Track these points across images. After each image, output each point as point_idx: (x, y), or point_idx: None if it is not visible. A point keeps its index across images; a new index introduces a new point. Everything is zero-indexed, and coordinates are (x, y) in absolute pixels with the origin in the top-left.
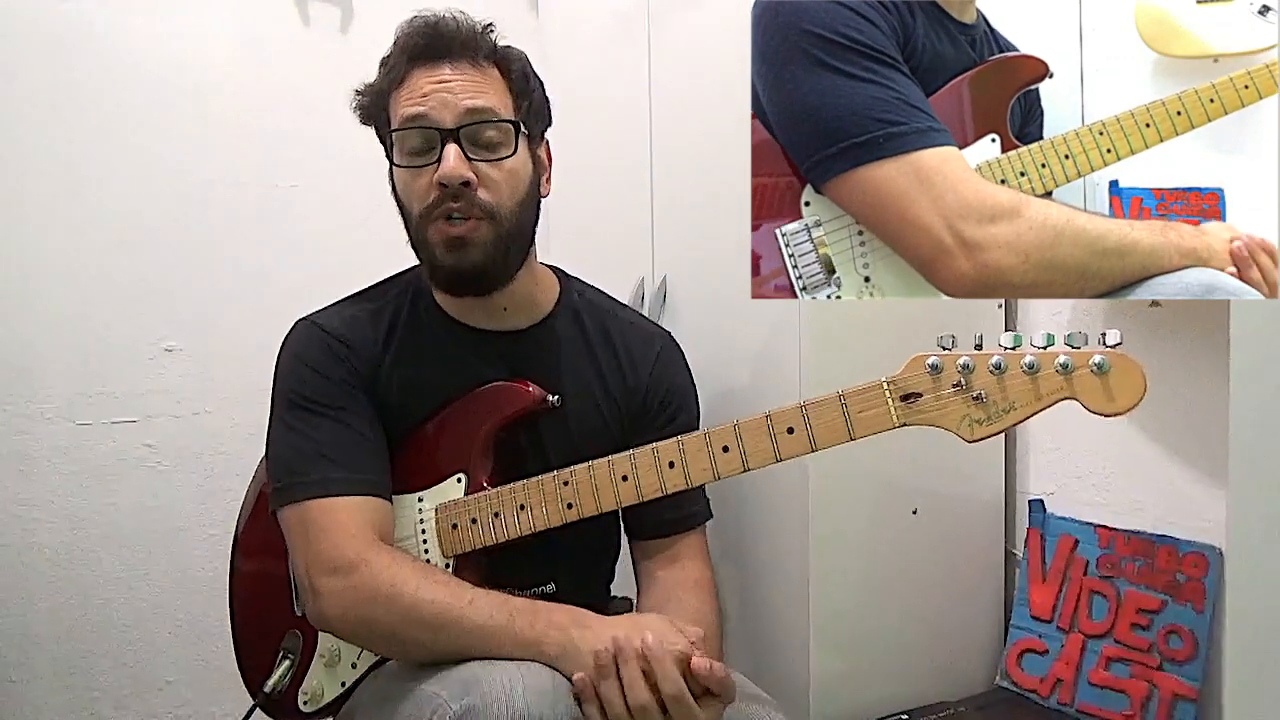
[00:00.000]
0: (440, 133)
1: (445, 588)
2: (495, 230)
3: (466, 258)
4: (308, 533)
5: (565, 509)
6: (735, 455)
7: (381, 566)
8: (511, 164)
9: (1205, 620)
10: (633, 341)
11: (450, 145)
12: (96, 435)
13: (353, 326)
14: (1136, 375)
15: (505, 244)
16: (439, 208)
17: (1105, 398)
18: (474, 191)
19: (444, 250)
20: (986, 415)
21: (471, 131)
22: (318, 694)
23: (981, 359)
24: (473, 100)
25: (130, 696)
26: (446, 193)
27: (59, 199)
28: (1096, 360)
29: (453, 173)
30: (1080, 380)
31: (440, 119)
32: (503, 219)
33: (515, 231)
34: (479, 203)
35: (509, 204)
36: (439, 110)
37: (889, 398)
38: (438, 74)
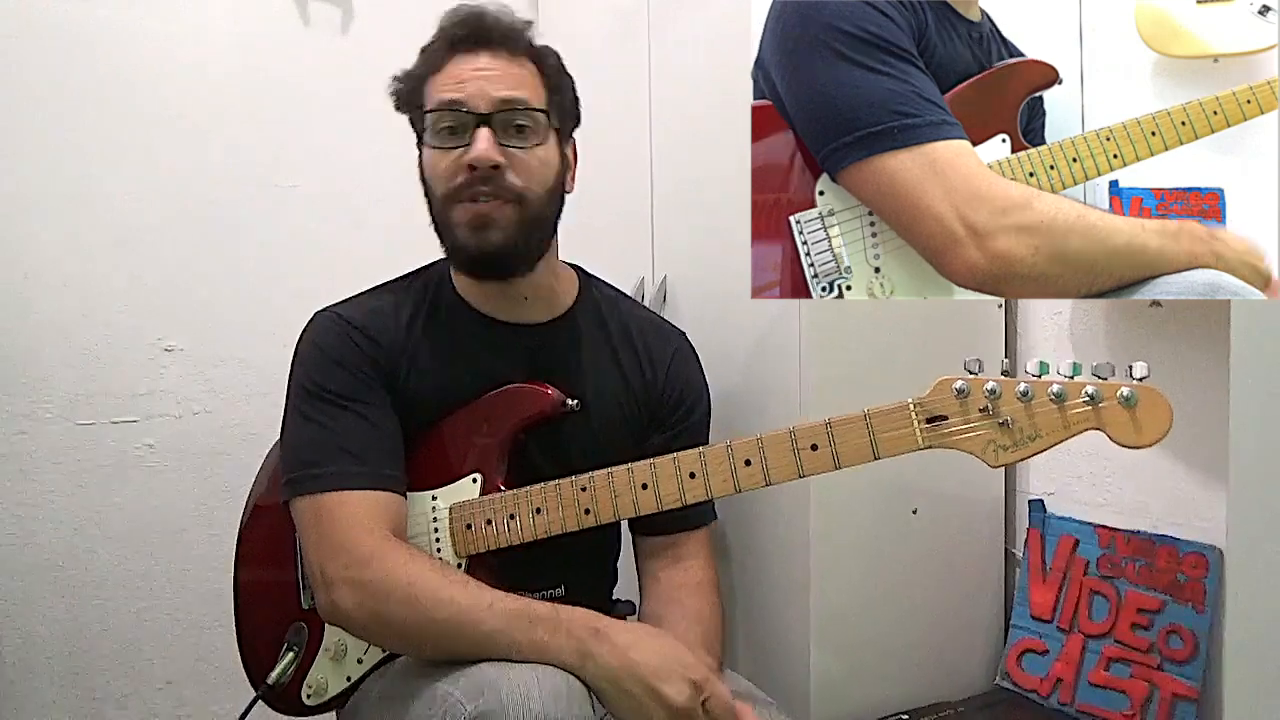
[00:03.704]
0: (475, 116)
1: (464, 589)
2: (520, 213)
3: (489, 238)
4: (321, 525)
5: (582, 514)
6: (758, 469)
7: (398, 563)
8: (541, 152)
9: (1205, 620)
10: (651, 339)
11: (483, 129)
12: (96, 435)
13: (375, 318)
14: (1163, 409)
15: (529, 228)
16: (467, 189)
17: (1132, 430)
18: (503, 174)
19: (467, 231)
20: (1012, 441)
21: (505, 118)
22: (322, 688)
23: (1008, 385)
24: (509, 90)
25: (130, 696)
26: (475, 175)
27: (59, 199)
28: (1124, 393)
29: (484, 155)
30: (1108, 412)
31: (475, 104)
32: (529, 203)
33: (540, 217)
34: (507, 184)
35: (537, 189)
36: (475, 96)
37: (915, 419)
38: (476, 62)
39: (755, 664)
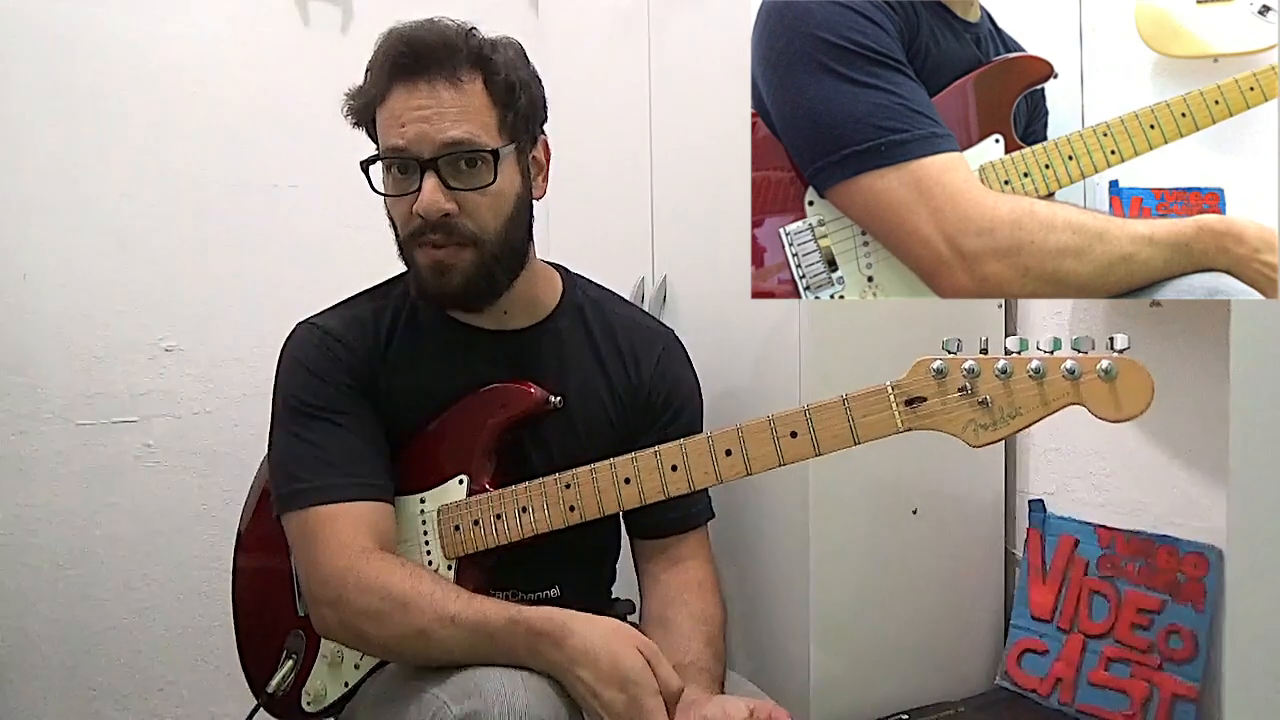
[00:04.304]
0: (419, 163)
1: (430, 603)
2: (478, 255)
3: (449, 283)
4: (305, 543)
5: (568, 511)
6: (738, 459)
7: (370, 580)
8: (495, 188)
9: (1205, 620)
10: (637, 339)
11: (429, 177)
12: (96, 435)
13: (352, 327)
14: (1144, 381)
15: (489, 267)
16: (421, 235)
17: (1113, 404)
18: (455, 220)
19: (429, 274)
20: (992, 420)
21: (450, 161)
22: (321, 694)
23: (987, 363)
24: (451, 130)
25: (130, 696)
26: (427, 222)
27: (59, 199)
28: (1104, 366)
29: (430, 207)
30: (1087, 386)
31: (419, 150)
32: (486, 244)
33: (501, 253)
34: (459, 229)
35: (493, 227)
36: (417, 142)
37: (893, 402)
38: (415, 97)
39: (755, 664)
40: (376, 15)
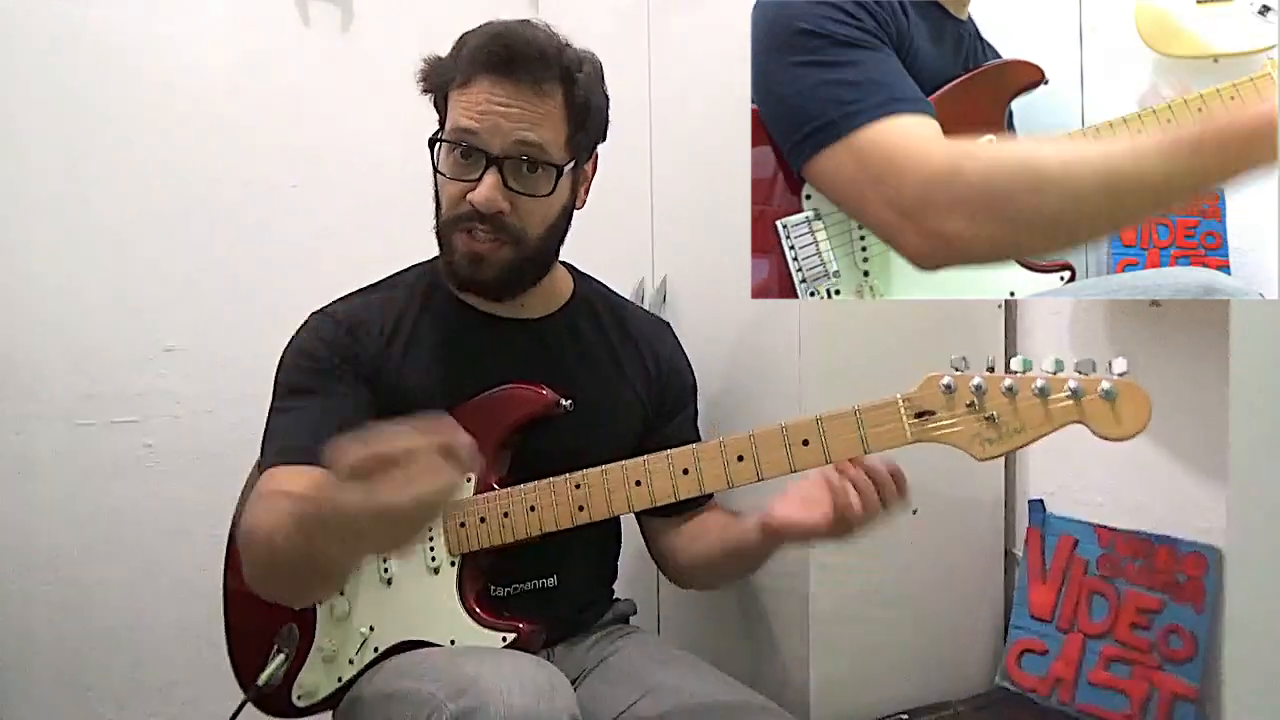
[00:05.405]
0: (486, 155)
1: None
2: (517, 253)
3: (482, 272)
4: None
5: (577, 511)
6: (750, 465)
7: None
8: (550, 199)
9: (1205, 620)
10: (648, 332)
11: (491, 173)
12: (96, 435)
13: (358, 312)
14: (1143, 403)
15: (523, 265)
16: (467, 221)
17: (1113, 423)
18: (505, 217)
19: (463, 260)
20: (998, 435)
21: (515, 163)
22: (313, 689)
23: (994, 381)
24: (525, 132)
25: (130, 696)
26: (476, 212)
27: (59, 199)
28: (1105, 387)
29: (487, 203)
30: (1090, 406)
31: (489, 142)
32: (527, 243)
33: (537, 255)
34: (507, 226)
35: (537, 230)
36: (489, 132)
37: (904, 414)
38: (499, 91)
39: (755, 665)
40: (376, 15)
